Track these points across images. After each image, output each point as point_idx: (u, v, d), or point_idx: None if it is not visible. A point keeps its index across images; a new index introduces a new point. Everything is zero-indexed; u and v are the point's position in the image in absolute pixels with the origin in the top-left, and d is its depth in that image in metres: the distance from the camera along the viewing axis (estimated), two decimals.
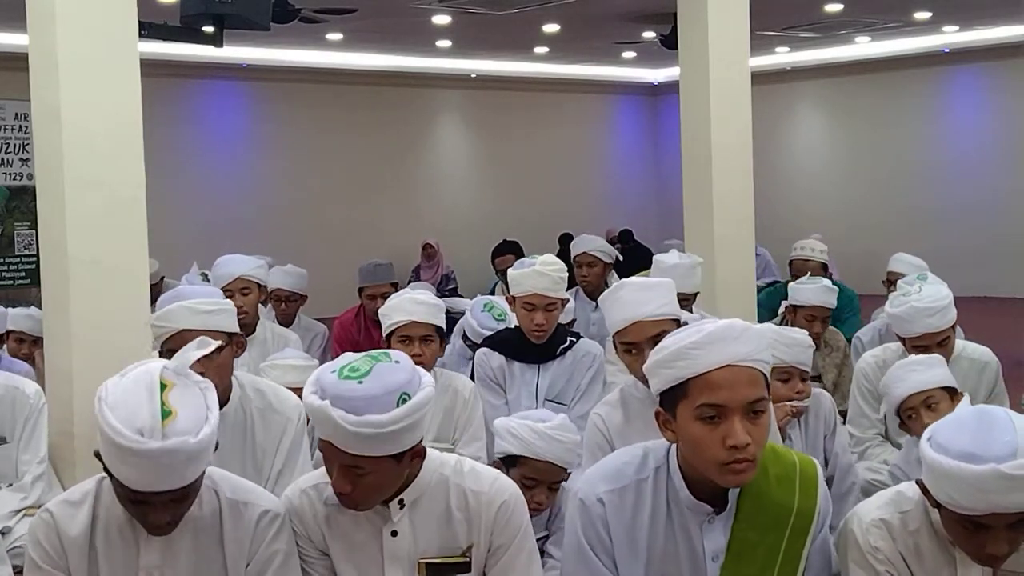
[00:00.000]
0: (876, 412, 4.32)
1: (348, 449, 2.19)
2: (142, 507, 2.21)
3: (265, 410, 3.23)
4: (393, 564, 2.32)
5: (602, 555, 2.28)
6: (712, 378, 2.14)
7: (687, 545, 2.27)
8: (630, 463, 2.33)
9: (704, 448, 2.15)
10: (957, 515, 2.09)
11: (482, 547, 2.34)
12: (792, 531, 2.26)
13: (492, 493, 2.35)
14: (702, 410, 2.14)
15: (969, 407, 2.19)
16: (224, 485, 2.38)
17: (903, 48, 14.50)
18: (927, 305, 4.02)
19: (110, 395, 2.17)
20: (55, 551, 2.30)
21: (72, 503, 2.34)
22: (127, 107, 4.07)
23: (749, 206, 5.96)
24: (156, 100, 7.57)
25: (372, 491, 2.26)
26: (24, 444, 3.99)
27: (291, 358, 4.29)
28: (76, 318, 3.95)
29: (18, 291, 10.53)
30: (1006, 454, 2.01)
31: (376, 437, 2.17)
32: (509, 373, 4.36)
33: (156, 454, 2.10)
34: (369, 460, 2.20)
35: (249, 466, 3.23)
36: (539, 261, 4.30)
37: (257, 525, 2.35)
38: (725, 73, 5.83)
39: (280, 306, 6.08)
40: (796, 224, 14.24)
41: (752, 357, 2.16)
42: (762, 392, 2.17)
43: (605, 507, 2.28)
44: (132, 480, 2.16)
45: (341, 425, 2.15)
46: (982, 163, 14.74)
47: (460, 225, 15.59)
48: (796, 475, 2.29)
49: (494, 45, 13.64)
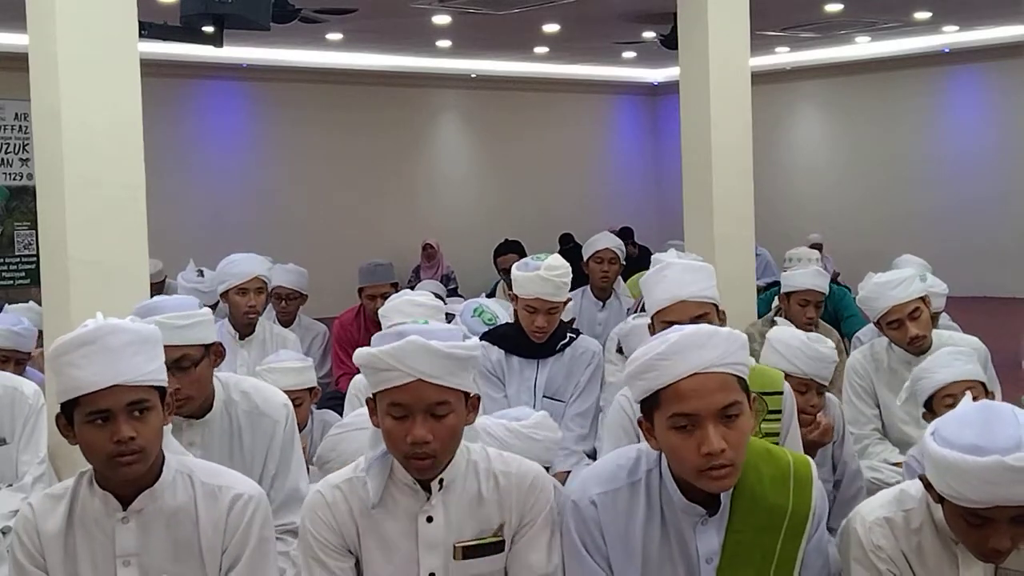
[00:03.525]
0: (871, 408, 4.35)
1: (438, 379, 2.24)
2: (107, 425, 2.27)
3: (252, 413, 3.20)
4: (429, 551, 2.33)
5: (596, 556, 2.29)
6: (680, 388, 2.15)
7: (681, 547, 2.27)
8: (623, 466, 2.33)
9: (681, 456, 2.17)
10: (961, 509, 2.10)
11: (513, 523, 2.37)
12: (787, 532, 2.26)
13: (521, 471, 2.40)
14: (675, 420, 2.16)
15: (973, 403, 2.20)
16: (198, 471, 2.41)
17: (903, 48, 14.50)
18: (888, 279, 4.20)
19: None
20: (33, 544, 2.35)
21: (53, 497, 2.39)
22: (127, 107, 4.07)
23: (749, 206, 5.96)
24: (156, 100, 7.57)
25: (449, 436, 2.28)
26: (24, 444, 3.98)
27: (287, 360, 4.26)
28: (76, 318, 3.94)
29: (18, 291, 10.54)
30: (1010, 446, 2.03)
31: (463, 361, 2.27)
32: (508, 367, 4.33)
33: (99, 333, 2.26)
34: (453, 393, 2.27)
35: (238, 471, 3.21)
36: (544, 265, 4.21)
37: (231, 509, 2.37)
38: (725, 73, 5.83)
39: (280, 304, 6.07)
40: (796, 224, 14.26)
41: (721, 362, 2.16)
42: (734, 396, 2.16)
43: (598, 509, 2.29)
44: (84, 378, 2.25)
45: (435, 349, 2.23)
46: (982, 163, 14.74)
47: (460, 225, 15.59)
48: (790, 476, 2.29)
49: (494, 45, 13.64)
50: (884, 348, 4.33)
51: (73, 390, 2.26)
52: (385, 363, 2.25)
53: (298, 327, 6.03)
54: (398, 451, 2.30)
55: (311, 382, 4.27)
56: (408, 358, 2.23)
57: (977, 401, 2.22)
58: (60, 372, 2.28)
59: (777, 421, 3.23)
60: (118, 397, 2.26)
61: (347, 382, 4.80)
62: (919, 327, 4.14)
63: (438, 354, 2.24)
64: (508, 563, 2.37)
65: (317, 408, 4.56)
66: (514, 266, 4.40)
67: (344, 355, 5.88)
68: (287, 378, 4.07)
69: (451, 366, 2.26)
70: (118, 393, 2.26)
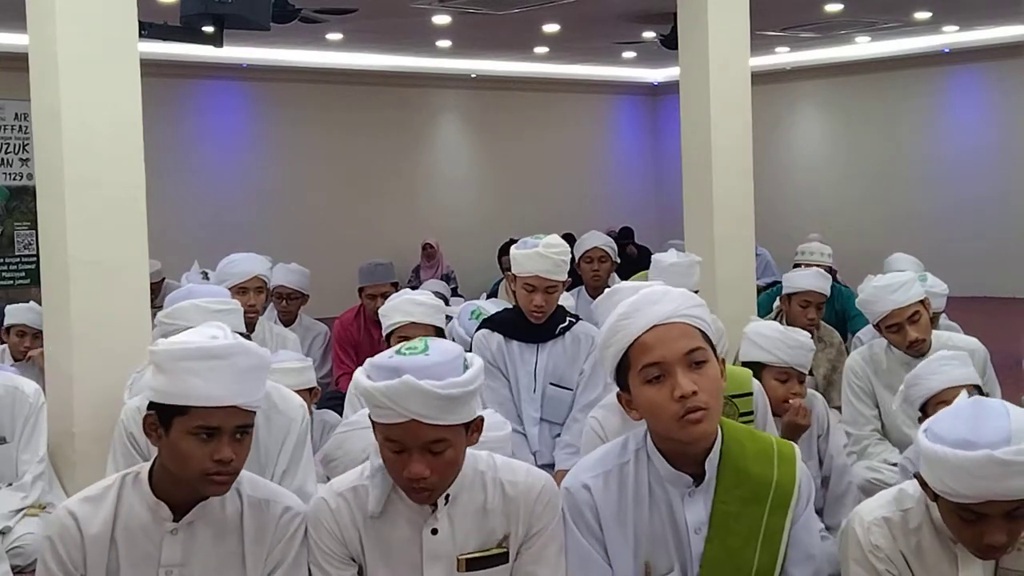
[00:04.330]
0: (871, 409, 4.36)
1: (433, 419, 2.18)
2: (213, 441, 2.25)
3: (269, 411, 3.22)
4: (433, 563, 2.31)
5: (589, 538, 2.32)
6: (644, 340, 2.24)
7: (670, 519, 2.31)
8: (611, 451, 2.39)
9: (658, 408, 2.22)
10: (955, 505, 2.10)
11: (520, 534, 2.34)
12: (772, 504, 2.29)
13: (530, 480, 2.36)
14: (645, 372, 2.24)
15: (966, 399, 2.20)
16: (246, 483, 2.39)
17: (903, 48, 14.50)
18: (888, 282, 4.19)
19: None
20: (71, 554, 2.29)
21: (93, 499, 2.34)
22: (127, 107, 4.08)
23: (749, 206, 5.97)
24: (156, 100, 7.57)
25: (448, 469, 2.25)
26: (24, 444, 3.99)
27: (286, 360, 4.25)
28: (76, 318, 3.95)
29: (18, 291, 10.55)
30: (999, 440, 2.03)
31: (460, 399, 2.20)
32: (508, 352, 4.32)
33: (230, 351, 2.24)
34: (450, 430, 2.21)
35: (253, 468, 3.21)
36: (542, 243, 4.21)
37: (279, 521, 2.36)
38: (725, 73, 5.84)
39: (281, 304, 6.07)
40: (796, 224, 14.25)
41: (678, 313, 2.26)
42: (697, 342, 2.24)
43: (591, 492, 2.32)
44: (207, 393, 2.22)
45: (430, 392, 2.15)
46: (982, 163, 14.73)
47: (460, 225, 15.59)
48: (774, 452, 2.34)
49: (494, 45, 13.64)
50: (883, 349, 4.33)
51: (188, 398, 2.22)
52: (379, 400, 2.20)
53: (299, 327, 6.04)
54: (397, 481, 2.28)
55: (311, 382, 4.26)
56: (402, 399, 2.17)
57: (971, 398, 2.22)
58: (176, 375, 2.22)
59: (750, 422, 3.25)
60: (231, 418, 2.24)
61: (347, 382, 4.81)
62: (918, 331, 4.14)
63: (433, 396, 2.16)
64: (515, 574, 2.34)
65: (317, 408, 4.56)
66: (513, 246, 4.40)
67: (344, 355, 5.88)
68: (287, 378, 4.06)
69: (447, 406, 2.18)
70: (232, 414, 2.24)
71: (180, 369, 2.22)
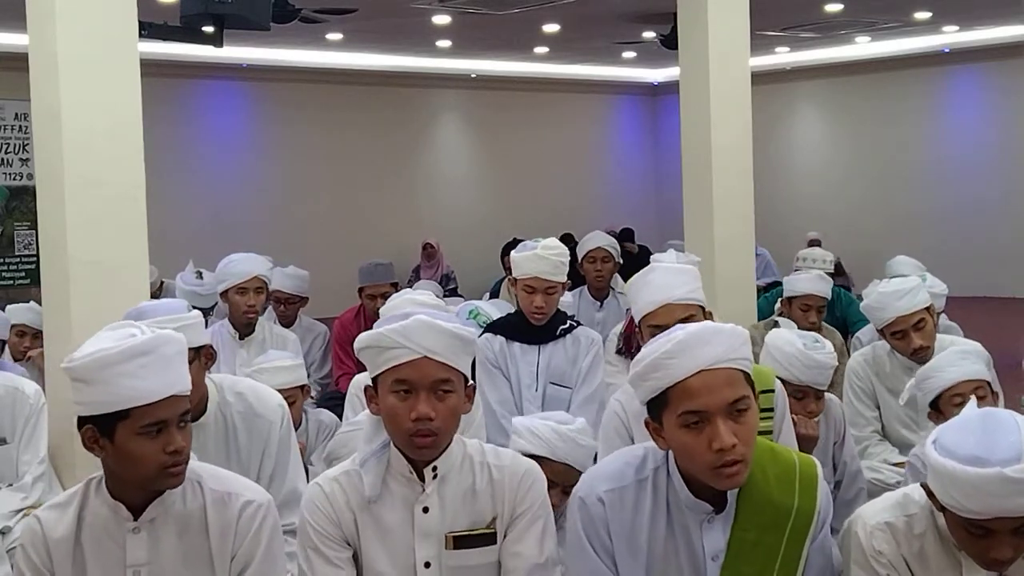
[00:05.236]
0: (871, 410, 4.35)
1: (444, 357, 2.32)
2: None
3: (247, 414, 3.18)
4: (424, 540, 2.38)
5: (602, 553, 2.29)
6: (689, 385, 2.15)
7: (687, 545, 2.28)
8: (630, 464, 2.34)
9: (693, 454, 2.17)
10: (962, 519, 2.08)
11: (505, 517, 2.41)
12: (792, 531, 2.25)
13: (514, 465, 2.46)
14: (685, 417, 2.16)
15: (976, 409, 2.17)
16: (207, 478, 2.39)
17: (903, 48, 14.50)
18: (894, 289, 4.16)
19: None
20: (40, 558, 2.32)
21: (59, 505, 2.37)
22: (127, 107, 4.07)
23: (749, 206, 5.97)
24: (156, 100, 7.57)
25: (450, 417, 2.35)
26: (24, 444, 3.98)
27: (277, 360, 4.24)
28: (76, 318, 3.95)
29: (18, 291, 10.56)
30: (1011, 457, 2.01)
31: (466, 343, 2.37)
32: (510, 354, 4.39)
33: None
34: (455, 374, 2.35)
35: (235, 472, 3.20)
36: (541, 245, 4.31)
37: (240, 516, 2.36)
38: (725, 73, 5.84)
39: (280, 308, 6.05)
40: (796, 224, 14.28)
41: (727, 358, 2.17)
42: (743, 391, 2.17)
43: (605, 507, 2.29)
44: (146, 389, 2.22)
45: (442, 328, 2.32)
46: (982, 163, 14.74)
47: (460, 225, 15.59)
48: (796, 475, 2.29)
49: (494, 45, 13.64)
50: (886, 352, 4.32)
51: (128, 400, 2.20)
52: (392, 341, 2.31)
53: (299, 327, 6.02)
54: (401, 430, 2.34)
55: (303, 380, 4.27)
56: (415, 335, 2.31)
57: (981, 406, 2.20)
58: (108, 383, 2.21)
59: (770, 419, 3.24)
60: (173, 407, 2.24)
61: (347, 382, 4.81)
62: (923, 338, 4.11)
63: (444, 332, 2.32)
64: (501, 555, 2.41)
65: (316, 407, 4.56)
66: (513, 250, 4.47)
67: (344, 355, 5.87)
68: (279, 377, 4.06)
69: (455, 345, 2.34)
70: (173, 403, 2.24)
71: (110, 375, 2.20)
